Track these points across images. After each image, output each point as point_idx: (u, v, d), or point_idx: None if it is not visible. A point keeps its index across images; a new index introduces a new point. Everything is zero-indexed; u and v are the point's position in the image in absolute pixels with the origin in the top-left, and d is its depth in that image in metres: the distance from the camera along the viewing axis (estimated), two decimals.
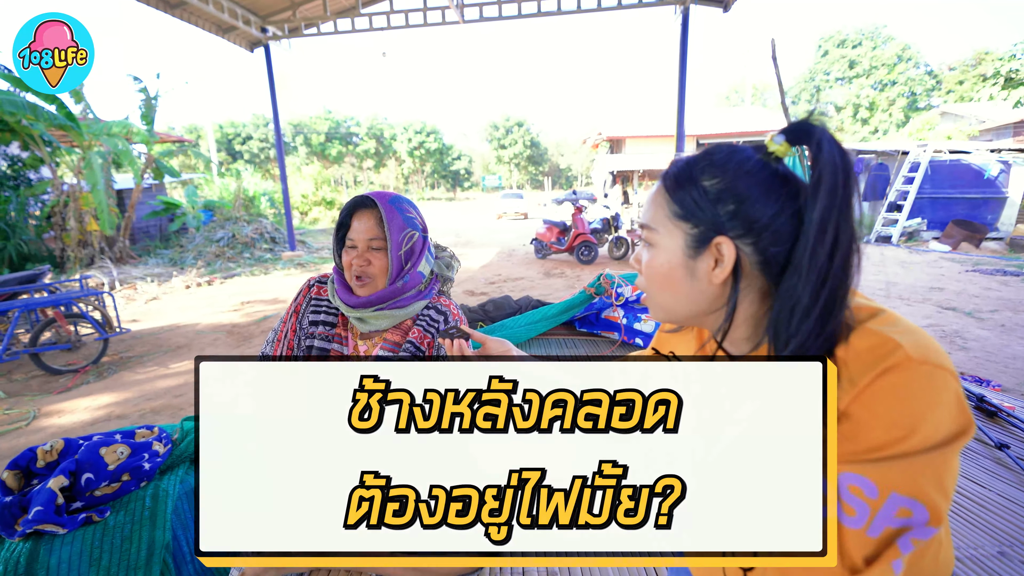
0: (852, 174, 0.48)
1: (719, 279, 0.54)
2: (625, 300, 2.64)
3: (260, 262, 9.84)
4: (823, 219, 0.47)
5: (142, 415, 3.28)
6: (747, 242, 0.53)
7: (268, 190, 14.52)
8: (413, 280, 1.11)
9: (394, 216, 1.07)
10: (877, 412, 0.44)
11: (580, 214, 9.05)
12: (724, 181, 0.53)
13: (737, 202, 0.52)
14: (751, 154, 0.54)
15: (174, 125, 35.59)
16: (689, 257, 0.56)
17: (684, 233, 0.56)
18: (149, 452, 1.39)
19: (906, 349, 0.44)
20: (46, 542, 1.15)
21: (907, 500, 0.42)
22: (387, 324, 1.10)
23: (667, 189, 0.57)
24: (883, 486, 0.43)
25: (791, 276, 0.49)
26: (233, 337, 5.09)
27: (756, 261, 0.53)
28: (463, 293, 6.74)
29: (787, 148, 0.53)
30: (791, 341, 0.49)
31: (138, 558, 1.22)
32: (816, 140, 0.49)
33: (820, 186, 0.48)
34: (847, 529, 0.44)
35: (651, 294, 0.61)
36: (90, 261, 8.86)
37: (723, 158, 0.54)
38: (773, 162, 0.53)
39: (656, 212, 0.58)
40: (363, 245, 1.07)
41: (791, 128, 0.52)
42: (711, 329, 0.61)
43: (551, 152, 48.62)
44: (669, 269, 0.57)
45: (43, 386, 3.92)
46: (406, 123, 42.23)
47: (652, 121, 22.26)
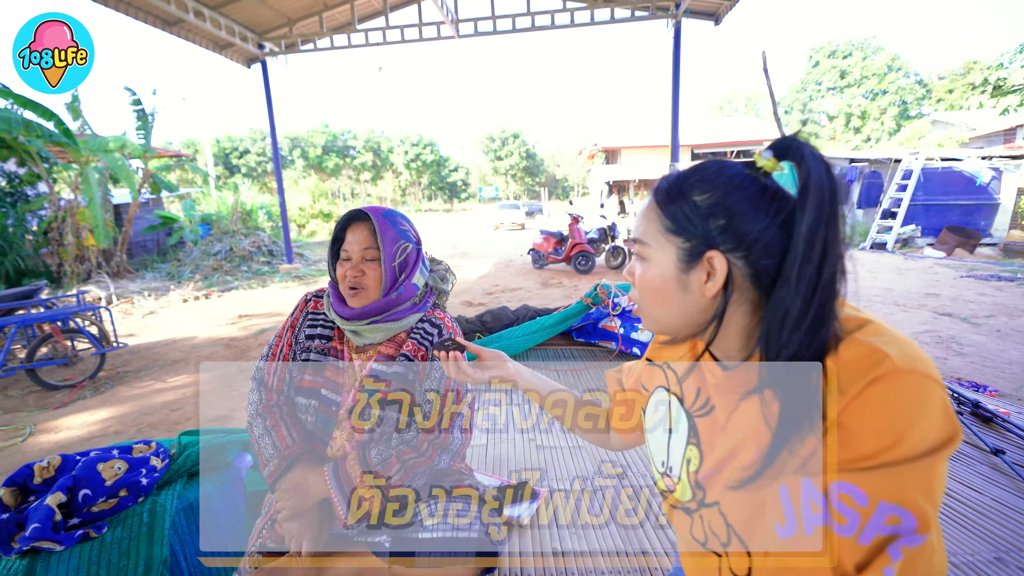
0: (838, 187, 0.50)
1: (711, 292, 0.55)
2: (622, 310, 2.66)
3: (258, 275, 9.82)
4: (811, 232, 0.49)
5: (139, 430, 3.26)
6: (738, 255, 0.53)
7: (266, 203, 14.54)
8: (407, 292, 1.12)
9: (387, 228, 1.09)
10: (865, 421, 0.45)
11: (577, 224, 9.10)
12: (715, 196, 0.54)
13: (728, 216, 0.53)
14: (740, 169, 0.55)
15: (172, 140, 35.77)
16: (681, 271, 0.56)
17: (676, 247, 0.57)
18: (147, 467, 1.39)
19: (893, 359, 0.45)
20: (43, 559, 1.14)
21: (895, 508, 0.43)
22: (381, 337, 1.11)
23: (659, 204, 0.58)
24: (872, 494, 0.43)
25: (781, 288, 0.50)
26: (231, 350, 5.08)
27: (747, 274, 0.54)
28: (460, 304, 6.75)
29: (775, 163, 0.54)
30: (782, 351, 0.50)
31: (136, 574, 1.21)
32: (801, 155, 0.50)
33: (807, 200, 0.49)
34: (838, 537, 0.44)
35: (644, 306, 0.62)
36: (87, 276, 8.84)
37: (713, 173, 0.56)
38: (762, 177, 0.55)
39: (648, 226, 0.59)
40: (357, 256, 1.08)
41: (777, 144, 0.54)
42: (705, 341, 0.62)
43: (547, 163, 48.93)
44: (662, 282, 0.58)
45: (39, 402, 3.89)
46: (403, 136, 42.52)
47: (647, 132, 22.44)
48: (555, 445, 1.78)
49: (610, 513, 1.37)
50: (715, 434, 0.61)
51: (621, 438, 0.86)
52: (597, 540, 1.26)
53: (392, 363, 1.11)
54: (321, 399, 1.09)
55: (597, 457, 1.68)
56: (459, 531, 1.01)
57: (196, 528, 1.40)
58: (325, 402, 1.09)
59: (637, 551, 1.22)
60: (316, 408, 1.09)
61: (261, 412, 1.11)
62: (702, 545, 0.64)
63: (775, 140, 0.54)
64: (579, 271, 9.01)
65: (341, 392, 1.10)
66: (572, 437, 1.84)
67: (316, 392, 1.10)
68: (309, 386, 1.10)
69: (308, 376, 1.11)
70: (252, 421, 1.11)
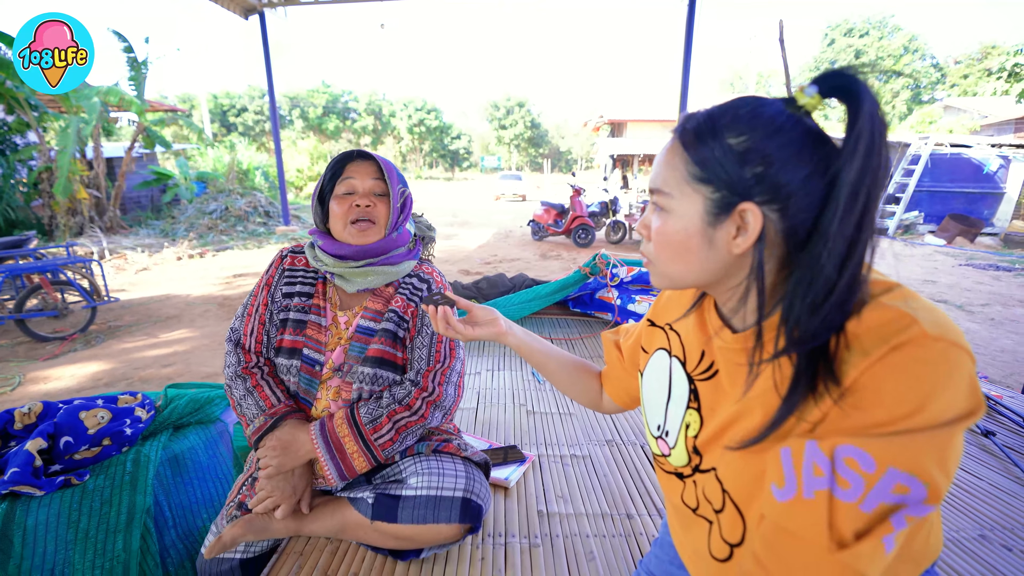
0: (887, 133, 0.44)
1: (740, 249, 0.50)
2: (620, 281, 2.62)
3: (253, 236, 9.72)
4: (857, 183, 0.43)
5: (130, 384, 3.25)
6: (773, 208, 0.48)
7: (263, 163, 14.26)
8: (404, 236, 1.10)
9: (391, 169, 1.07)
10: (885, 387, 0.41)
11: (579, 196, 8.98)
12: (752, 139, 0.48)
13: (766, 164, 0.47)
14: (780, 108, 0.49)
15: (167, 94, 34.84)
16: (708, 224, 0.50)
17: (704, 198, 0.50)
18: (131, 418, 1.37)
19: (922, 325, 0.42)
20: (23, 503, 1.13)
21: (905, 476, 0.40)
22: (374, 282, 1.07)
23: (685, 146, 0.51)
24: (881, 460, 0.41)
25: (817, 244, 0.45)
26: (224, 309, 5.05)
27: (780, 228, 0.48)
28: (458, 272, 6.70)
29: (818, 101, 0.48)
30: (808, 315, 0.45)
31: (118, 521, 1.21)
32: (854, 93, 0.44)
33: (858, 145, 0.43)
34: (839, 502, 0.42)
35: (659, 263, 0.56)
36: (80, 230, 8.72)
37: (749, 112, 0.49)
38: (804, 117, 0.49)
39: (671, 174, 0.52)
40: (365, 189, 1.05)
41: (826, 78, 0.47)
42: (718, 297, 0.58)
43: (551, 134, 48.10)
44: (685, 237, 0.52)
45: (29, 352, 3.88)
46: (406, 99, 41.56)
47: (654, 105, 22.02)
48: (545, 411, 1.77)
49: (597, 477, 1.37)
50: (718, 399, 0.58)
51: (614, 401, 0.84)
52: (584, 503, 1.25)
53: (380, 319, 1.07)
54: (303, 359, 1.06)
55: (587, 423, 1.67)
56: (443, 490, 0.99)
57: (181, 479, 1.39)
58: (308, 361, 1.06)
59: (622, 514, 1.21)
60: (298, 368, 1.05)
61: (240, 374, 1.07)
62: (692, 511, 0.61)
63: (822, 73, 0.47)
64: (578, 244, 8.95)
65: (325, 351, 1.06)
66: (562, 403, 1.83)
67: (297, 352, 1.06)
68: (290, 346, 1.06)
69: (288, 336, 1.06)
70: (232, 383, 1.07)
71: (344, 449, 0.99)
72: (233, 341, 1.11)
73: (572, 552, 1.09)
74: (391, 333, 1.06)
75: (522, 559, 1.06)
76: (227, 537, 0.99)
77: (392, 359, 1.06)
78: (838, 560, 0.41)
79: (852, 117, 0.44)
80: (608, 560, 1.07)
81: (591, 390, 0.86)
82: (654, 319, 0.73)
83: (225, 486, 1.49)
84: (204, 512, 1.41)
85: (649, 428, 0.69)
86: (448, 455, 1.09)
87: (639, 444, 1.55)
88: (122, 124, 13.18)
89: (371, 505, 0.99)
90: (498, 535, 1.13)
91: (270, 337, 1.10)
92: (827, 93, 0.47)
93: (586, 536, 1.13)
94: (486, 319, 0.84)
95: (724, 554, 0.56)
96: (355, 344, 1.05)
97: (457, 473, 1.03)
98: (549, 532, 1.15)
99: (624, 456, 1.48)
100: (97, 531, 1.18)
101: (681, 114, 2.66)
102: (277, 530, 1.03)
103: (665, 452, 0.66)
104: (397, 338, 1.06)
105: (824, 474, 0.43)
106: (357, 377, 1.03)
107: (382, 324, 1.06)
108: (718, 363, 0.59)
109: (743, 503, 0.54)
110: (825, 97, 0.48)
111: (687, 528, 0.63)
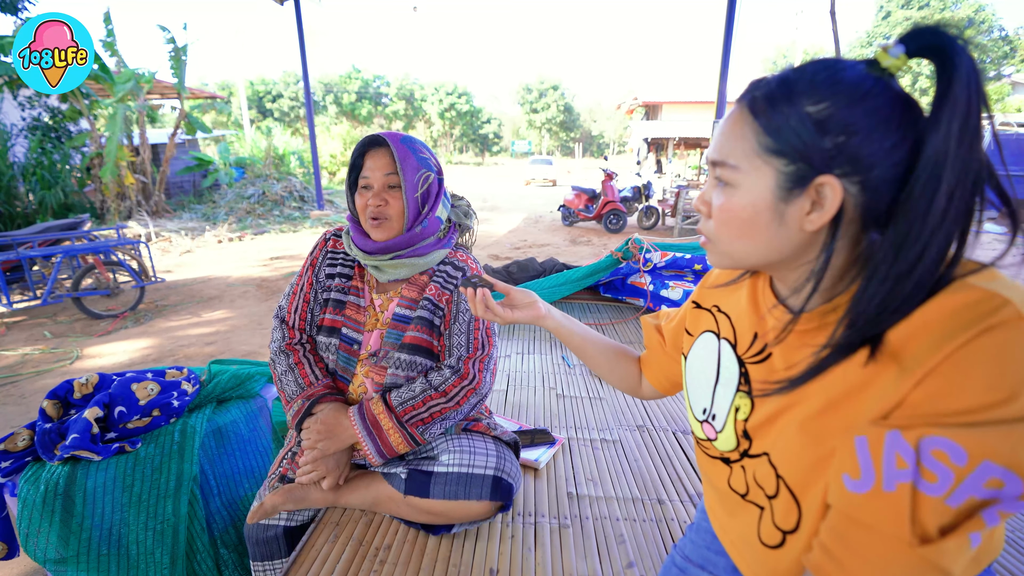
0: (985, 97, 0.40)
1: (814, 226, 0.46)
2: (653, 266, 2.57)
3: (289, 220, 9.98)
4: (945, 152, 0.40)
5: (175, 360, 3.42)
6: (854, 181, 0.44)
7: (298, 148, 14.57)
8: (432, 226, 1.06)
9: (407, 156, 1.01)
10: (974, 372, 0.38)
11: (610, 181, 8.81)
12: (832, 106, 0.43)
13: (848, 133, 0.43)
14: (862, 70, 0.44)
15: (207, 81, 35.89)
16: (780, 199, 0.46)
17: (776, 171, 0.46)
18: (178, 391, 1.43)
19: (1016, 306, 0.38)
20: (83, 467, 1.21)
21: (1002, 470, 0.37)
22: (406, 273, 1.07)
23: (755, 114, 0.47)
24: (975, 453, 0.38)
25: (901, 222, 0.42)
26: (262, 290, 5.22)
27: (859, 203, 0.44)
28: (488, 257, 6.72)
29: (904, 62, 0.43)
30: (887, 297, 0.42)
31: (167, 487, 1.28)
32: (948, 52, 0.40)
33: (952, 111, 0.40)
34: (923, 496, 0.39)
35: (722, 241, 0.52)
36: (128, 214, 9.15)
37: (829, 76, 0.44)
38: (887, 79, 0.44)
39: (737, 145, 0.48)
40: (379, 184, 1.02)
41: (916, 35, 0.42)
42: (779, 276, 0.54)
43: (583, 118, 47.22)
44: (753, 213, 0.48)
45: (85, 329, 4.12)
46: (437, 83, 41.52)
47: (691, 86, 21.28)
48: (575, 395, 1.76)
49: (628, 462, 1.36)
50: (771, 382, 0.56)
51: (653, 386, 0.82)
52: (614, 487, 1.25)
53: (415, 307, 1.07)
54: (342, 337, 1.08)
55: (617, 408, 1.66)
56: (475, 468, 1.00)
57: (224, 450, 1.45)
58: (346, 340, 1.08)
59: (653, 499, 1.20)
60: (337, 347, 1.08)
61: (284, 349, 1.11)
62: (742, 496, 0.60)
63: (911, 30, 0.43)
64: (609, 230, 8.81)
65: (363, 331, 1.08)
66: (593, 387, 1.82)
67: (336, 331, 1.08)
68: (330, 324, 1.09)
69: (328, 315, 1.09)
70: (275, 358, 1.11)
71: (383, 432, 1.01)
72: (279, 318, 1.15)
73: (602, 534, 1.09)
74: (427, 321, 1.06)
75: (552, 539, 1.07)
76: (268, 504, 1.04)
77: (428, 346, 1.06)
78: (920, 555, 0.39)
79: (945, 81, 0.40)
80: (639, 544, 1.06)
81: (630, 375, 0.84)
82: (700, 301, 0.70)
83: (265, 458, 1.55)
84: (246, 482, 1.47)
85: (693, 412, 0.67)
86: (479, 434, 1.09)
87: (671, 431, 1.52)
88: (165, 111, 13.67)
89: (404, 480, 1.01)
90: (528, 514, 1.14)
91: (313, 315, 1.13)
92: (915, 53, 0.43)
93: (616, 519, 1.13)
94: (525, 302, 0.83)
95: (775, 540, 0.54)
96: (391, 331, 1.06)
97: (488, 452, 1.03)
98: (579, 514, 1.15)
99: (656, 442, 1.46)
100: (149, 495, 1.25)
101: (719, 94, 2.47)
102: (315, 500, 1.06)
103: (711, 436, 0.64)
104: (433, 326, 1.07)
105: (908, 466, 0.40)
106: (393, 363, 1.05)
107: (417, 312, 1.07)
108: (771, 345, 0.56)
109: (799, 489, 0.51)
110: (912, 57, 0.43)
111: (732, 514, 0.62)
